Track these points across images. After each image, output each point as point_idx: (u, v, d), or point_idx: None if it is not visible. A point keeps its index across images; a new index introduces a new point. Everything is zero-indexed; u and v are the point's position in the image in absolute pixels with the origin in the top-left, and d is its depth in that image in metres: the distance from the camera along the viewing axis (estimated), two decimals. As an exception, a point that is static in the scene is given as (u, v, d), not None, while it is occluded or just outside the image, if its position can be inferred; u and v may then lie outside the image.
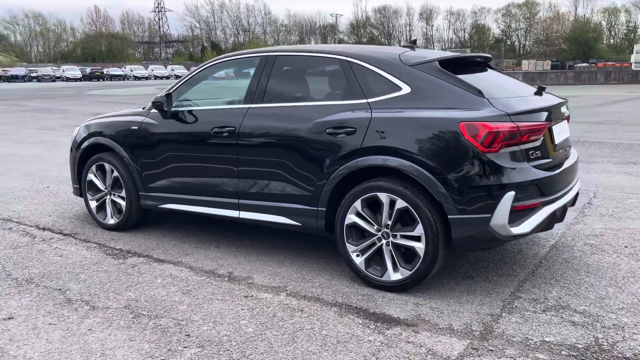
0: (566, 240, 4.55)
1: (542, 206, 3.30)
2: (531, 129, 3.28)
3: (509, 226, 3.20)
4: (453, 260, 4.07)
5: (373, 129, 3.47)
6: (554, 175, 3.41)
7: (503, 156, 3.19)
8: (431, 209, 3.29)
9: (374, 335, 2.97)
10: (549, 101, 3.68)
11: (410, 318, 3.17)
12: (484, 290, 3.54)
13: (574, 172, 3.89)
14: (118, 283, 3.74)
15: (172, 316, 3.21)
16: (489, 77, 3.91)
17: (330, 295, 3.50)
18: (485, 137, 3.16)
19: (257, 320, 3.16)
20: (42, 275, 3.90)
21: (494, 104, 3.25)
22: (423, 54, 3.74)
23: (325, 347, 2.84)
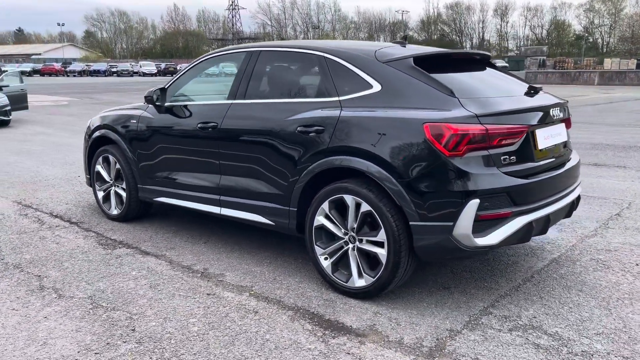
0: (572, 253, 4.19)
1: (513, 216, 3.03)
2: (503, 133, 3.01)
3: (473, 236, 2.96)
4: (436, 269, 3.85)
5: (340, 129, 3.33)
6: (531, 183, 3.12)
7: (469, 161, 2.96)
8: (394, 214, 3.11)
9: (316, 343, 2.84)
10: (535, 102, 3.38)
11: (362, 328, 3.01)
12: (455, 303, 3.31)
13: (568, 179, 3.56)
14: (95, 273, 3.82)
15: (128, 309, 3.24)
16: (479, 76, 3.66)
17: (292, 299, 3.40)
18: (449, 140, 2.94)
19: (207, 319, 3.11)
20: (30, 262, 4.06)
21: (463, 105, 3.02)
22: (403, 50, 3.53)
23: (261, 352, 2.76)
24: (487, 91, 3.33)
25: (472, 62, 3.87)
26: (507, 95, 3.35)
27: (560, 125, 3.57)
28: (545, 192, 3.26)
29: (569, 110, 3.82)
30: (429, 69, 3.33)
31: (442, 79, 3.21)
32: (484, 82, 3.53)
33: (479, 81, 3.51)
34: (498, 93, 3.35)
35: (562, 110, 3.59)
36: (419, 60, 3.35)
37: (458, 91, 3.12)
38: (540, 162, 3.27)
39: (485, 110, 3.02)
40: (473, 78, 3.55)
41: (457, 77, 3.43)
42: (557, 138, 3.49)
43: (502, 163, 3.03)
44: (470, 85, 3.36)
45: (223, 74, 4.32)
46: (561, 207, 3.39)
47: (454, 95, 3.07)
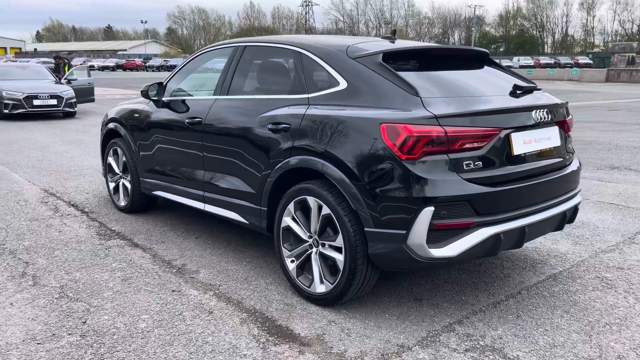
0: (577, 269, 3.81)
1: (476, 227, 2.77)
2: (465, 136, 2.76)
3: (428, 247, 2.74)
4: (415, 278, 3.62)
5: (303, 127, 3.19)
6: (500, 192, 2.84)
7: (425, 165, 2.73)
8: (352, 218, 2.94)
9: (254, 350, 2.74)
10: (515, 103, 3.08)
11: (310, 337, 2.87)
12: (420, 317, 3.09)
13: (559, 187, 3.22)
14: (78, 263, 3.92)
15: (90, 301, 3.28)
16: (464, 74, 3.40)
17: (254, 300, 3.31)
18: (404, 142, 2.73)
19: (159, 316, 3.09)
20: (26, 248, 4.22)
21: (425, 105, 2.80)
22: (380, 46, 3.33)
23: (195, 354, 2.69)
24: (462, 91, 3.07)
25: (463, 60, 3.60)
26: (483, 95, 3.07)
27: (551, 129, 3.23)
28: (521, 201, 2.96)
29: (566, 112, 3.46)
30: (401, 66, 3.13)
31: (409, 77, 3.00)
32: (465, 81, 3.27)
33: (458, 80, 3.25)
34: (474, 93, 3.08)
35: (554, 113, 3.25)
36: (390, 56, 3.14)
37: (424, 90, 2.90)
38: (517, 169, 2.97)
39: (447, 111, 2.77)
40: (453, 76, 3.30)
41: (432, 75, 3.20)
42: (544, 143, 3.16)
43: (464, 169, 2.77)
44: (443, 84, 3.12)
45: (215, 69, 4.29)
46: (545, 219, 3.08)
47: (418, 94, 2.85)
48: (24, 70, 15.91)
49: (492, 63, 3.71)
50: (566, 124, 3.39)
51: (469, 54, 3.65)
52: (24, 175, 6.95)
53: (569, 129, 3.45)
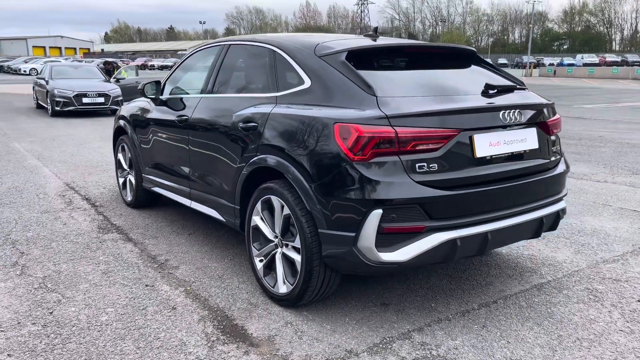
0: (568, 280, 3.59)
1: (428, 232, 2.65)
2: (418, 136, 2.64)
3: (377, 251, 2.65)
4: (390, 282, 3.52)
5: (268, 126, 3.17)
6: (457, 195, 2.70)
7: (375, 166, 2.64)
8: (308, 219, 2.89)
9: (200, 348, 2.74)
10: (481, 103, 2.92)
11: (261, 337, 2.85)
12: (380, 322, 3.00)
13: (534, 192, 3.05)
14: (68, 255, 4.06)
15: (64, 293, 3.38)
16: (438, 73, 3.26)
17: (220, 298, 3.32)
18: (355, 142, 2.66)
19: (123, 310, 3.15)
20: (29, 239, 4.42)
21: (380, 104, 2.70)
22: (350, 43, 3.24)
23: (142, 350, 2.72)
24: (427, 90, 2.94)
25: (444, 58, 3.46)
26: (449, 95, 2.94)
27: (526, 131, 3.05)
28: (483, 206, 2.81)
29: (551, 112, 3.26)
30: (367, 64, 3.05)
31: (371, 76, 2.91)
32: (435, 80, 3.14)
33: (427, 79, 3.12)
34: (440, 92, 2.95)
35: (532, 113, 3.07)
36: (356, 54, 3.05)
37: (384, 89, 2.81)
38: (480, 172, 2.83)
39: (400, 111, 2.67)
40: (424, 75, 3.17)
41: (399, 73, 3.11)
42: (517, 145, 2.99)
43: (416, 171, 2.66)
44: (408, 83, 3.01)
45: (205, 68, 4.32)
46: (514, 225, 2.91)
47: (374, 93, 2.76)
48: (77, 69, 16.69)
49: (481, 61, 3.55)
50: (547, 125, 3.19)
51: (450, 51, 3.50)
52: (53, 170, 7.28)
53: (553, 131, 3.24)
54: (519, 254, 4.10)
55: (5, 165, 7.59)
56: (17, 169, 7.30)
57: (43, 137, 10.45)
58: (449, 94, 2.97)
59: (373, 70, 3.05)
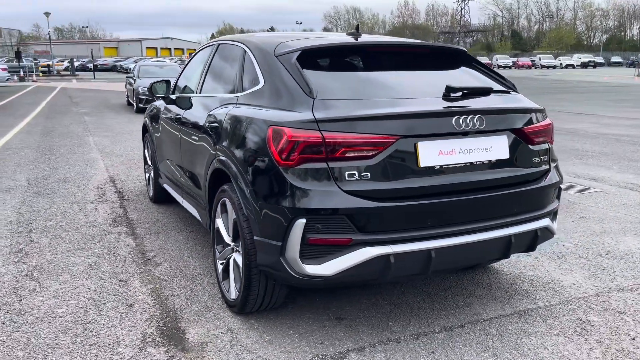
0: (563, 307, 3.18)
1: (356, 245, 2.44)
2: (348, 143, 2.43)
3: (302, 262, 2.48)
4: (355, 295, 3.31)
5: (225, 127, 3.10)
6: (392, 208, 2.45)
7: (301, 173, 2.48)
8: (248, 225, 2.78)
9: (131, 348, 2.73)
10: (433, 107, 2.63)
11: (194, 343, 2.78)
12: (323, 338, 2.82)
13: (499, 207, 2.71)
14: (69, 245, 4.25)
15: (44, 282, 3.53)
16: (401, 75, 3.02)
17: (179, 299, 3.30)
18: (283, 147, 2.51)
19: (84, 304, 3.23)
20: (46, 228, 4.69)
21: (314, 107, 2.53)
22: (315, 42, 3.07)
23: (76, 344, 2.75)
24: (378, 93, 2.72)
25: (424, 57, 3.19)
26: (402, 98, 2.69)
27: (494, 138, 2.72)
28: (427, 220, 2.54)
29: (534, 119, 2.88)
30: (321, 64, 2.89)
31: (318, 76, 2.74)
32: (394, 81, 2.88)
33: (386, 80, 2.88)
34: (393, 95, 2.71)
35: (503, 119, 2.73)
36: (311, 53, 2.89)
37: (325, 91, 2.63)
38: (426, 182, 2.55)
39: (331, 115, 2.47)
40: (382, 77, 2.93)
41: (354, 75, 2.91)
42: (480, 154, 2.67)
43: (346, 179, 2.45)
44: (359, 84, 2.80)
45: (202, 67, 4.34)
46: (468, 244, 2.60)
47: (312, 95, 2.59)
48: (162, 68, 17.65)
49: (470, 61, 3.23)
50: (525, 133, 2.82)
51: (430, 51, 3.22)
52: (107, 163, 7.73)
53: (534, 139, 2.87)
54: (521, 273, 3.70)
55: (69, 157, 8.17)
56: (76, 161, 7.83)
57: (117, 132, 11.14)
58: (402, 96, 2.72)
59: (326, 71, 2.88)
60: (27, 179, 6.65)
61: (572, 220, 4.94)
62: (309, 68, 2.81)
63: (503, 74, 3.34)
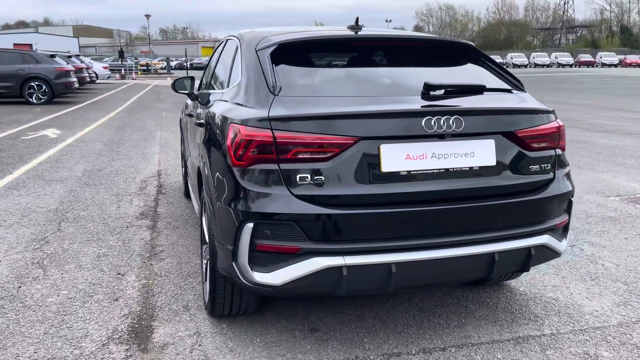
0: (572, 337, 2.78)
1: (306, 255, 2.24)
2: (301, 143, 2.24)
3: (251, 269, 2.33)
4: (339, 306, 3.10)
5: (206, 124, 3.02)
6: (347, 215, 2.23)
7: (252, 174, 2.33)
8: (212, 227, 2.68)
9: (95, 344, 2.72)
10: (404, 106, 2.36)
11: (158, 344, 2.72)
12: (286, 350, 2.66)
13: (482, 220, 2.39)
14: (90, 236, 4.38)
15: (48, 271, 3.64)
16: (385, 71, 2.78)
17: (163, 297, 3.27)
18: (237, 146, 2.37)
19: (74, 294, 3.28)
20: (77, 218, 4.88)
21: (273, 104, 2.37)
22: (295, 36, 2.88)
23: (46, 334, 2.79)
24: (348, 89, 2.51)
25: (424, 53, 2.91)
26: (374, 96, 2.45)
27: (477, 142, 2.40)
28: (388, 230, 2.29)
29: (540, 121, 2.52)
30: (297, 58, 2.72)
31: (287, 72, 2.59)
32: (372, 78, 2.66)
33: (363, 77, 2.66)
34: (363, 92, 2.49)
35: (500, 121, 2.42)
36: (289, 47, 2.72)
37: (291, 87, 2.47)
38: (389, 189, 2.30)
39: (285, 113, 2.30)
40: (362, 73, 2.71)
41: (330, 71, 2.72)
42: (459, 160, 2.37)
43: (297, 183, 2.26)
44: (332, 80, 2.60)
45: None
46: (440, 259, 2.32)
47: (274, 92, 2.43)
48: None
49: (479, 58, 2.91)
50: (519, 137, 2.47)
51: (426, 45, 2.92)
52: (162, 157, 7.99)
53: (533, 145, 2.51)
54: (538, 294, 3.30)
55: (130, 150, 8.55)
56: (135, 155, 8.17)
57: (186, 128, 11.54)
58: (378, 94, 2.49)
59: (302, 66, 2.71)
60: (84, 170, 7.02)
61: (625, 237, 4.38)
62: (284, 63, 2.66)
63: (607, 72, 2.98)
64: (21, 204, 5.31)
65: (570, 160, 7.48)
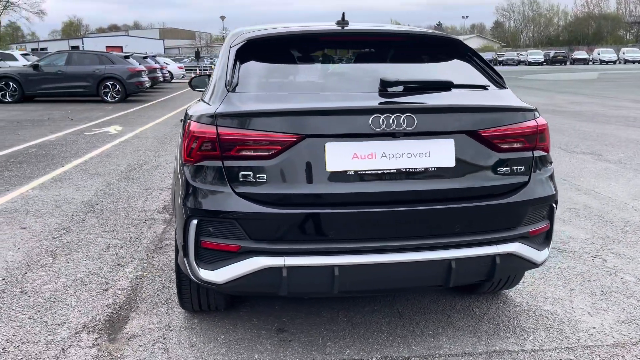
0: (553, 355, 2.56)
1: (246, 254, 2.20)
2: (243, 140, 2.20)
3: (198, 266, 2.33)
4: (315, 306, 3.03)
5: (182, 123, 3.04)
6: (289, 215, 2.17)
7: (199, 171, 2.32)
8: None
9: (67, 331, 2.82)
10: (355, 103, 2.25)
11: (126, 335, 2.79)
12: (243, 349, 2.63)
13: (439, 224, 2.25)
14: (107, 227, 4.56)
15: (57, 259, 3.84)
16: (352, 67, 2.69)
17: (150, 289, 3.34)
18: (188, 142, 2.38)
19: (70, 283, 3.43)
20: (104, 210, 5.10)
21: (225, 101, 2.37)
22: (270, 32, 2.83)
23: (27, 321, 2.92)
24: (306, 87, 2.46)
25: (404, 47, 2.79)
26: (329, 92, 2.37)
27: (433, 142, 2.25)
28: (332, 232, 2.19)
29: (511, 121, 2.33)
30: (266, 55, 2.69)
31: (250, 68, 2.57)
32: (341, 74, 2.57)
33: (330, 73, 2.58)
34: (317, 89, 2.42)
35: (463, 120, 2.27)
36: (258, 43, 2.68)
37: (246, 84, 2.45)
38: (334, 190, 2.20)
39: (230, 109, 2.27)
40: (330, 69, 2.62)
41: (292, 67, 2.68)
42: (412, 160, 2.23)
43: (239, 180, 2.23)
44: (292, 78, 2.55)
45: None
46: (388, 264, 2.20)
47: (229, 88, 2.43)
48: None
49: (465, 53, 2.74)
50: (484, 137, 2.29)
51: (405, 39, 2.78)
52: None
53: (501, 145, 2.32)
54: (534, 306, 3.07)
55: (176, 147, 8.86)
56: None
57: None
58: (335, 91, 2.41)
59: (267, 62, 2.67)
60: (127, 164, 7.35)
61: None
62: (253, 59, 2.64)
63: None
64: (59, 195, 5.64)
65: (630, 164, 6.91)
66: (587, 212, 4.95)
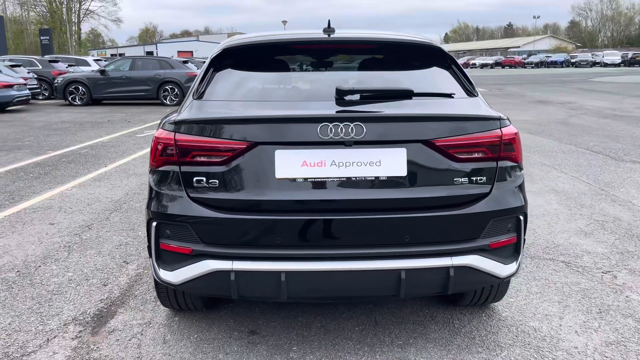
0: (519, 374, 2.46)
1: (198, 257, 2.27)
2: (197, 147, 2.28)
3: (158, 266, 2.43)
4: (295, 310, 3.05)
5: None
6: (238, 220, 2.23)
7: (160, 176, 2.43)
8: None
9: (57, 322, 3.00)
10: (305, 111, 2.27)
11: (109, 329, 2.93)
12: (208, 350, 2.70)
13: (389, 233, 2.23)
14: (126, 226, 4.79)
15: (72, 254, 4.09)
16: (323, 74, 2.69)
17: (145, 286, 3.48)
18: (153, 147, 2.49)
19: (75, 277, 3.65)
20: (129, 209, 5.37)
21: (189, 108, 2.46)
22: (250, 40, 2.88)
23: (23, 311, 3.13)
24: (269, 94, 2.52)
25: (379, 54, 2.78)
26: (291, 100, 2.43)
27: (385, 151, 2.22)
28: (279, 238, 2.22)
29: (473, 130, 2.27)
30: (240, 63, 2.76)
31: (222, 77, 2.65)
32: (306, 82, 2.59)
33: (295, 81, 2.60)
34: (280, 97, 2.47)
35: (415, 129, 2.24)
36: (233, 52, 2.75)
37: (213, 93, 2.54)
38: (282, 197, 2.23)
39: (188, 117, 2.36)
40: (296, 77, 2.65)
41: (259, 75, 2.72)
42: (362, 169, 2.22)
43: (193, 185, 2.30)
44: (253, 86, 2.61)
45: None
46: (335, 272, 2.20)
47: (195, 96, 2.52)
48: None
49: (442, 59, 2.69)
50: (441, 146, 2.23)
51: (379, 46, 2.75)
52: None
53: (457, 155, 2.25)
54: (518, 321, 2.95)
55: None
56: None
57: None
58: (295, 99, 2.46)
59: (240, 70, 2.73)
60: (166, 166, 7.65)
61: (684, 267, 3.70)
62: (228, 67, 2.72)
63: None
64: (93, 194, 5.98)
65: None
66: (615, 225, 4.68)
